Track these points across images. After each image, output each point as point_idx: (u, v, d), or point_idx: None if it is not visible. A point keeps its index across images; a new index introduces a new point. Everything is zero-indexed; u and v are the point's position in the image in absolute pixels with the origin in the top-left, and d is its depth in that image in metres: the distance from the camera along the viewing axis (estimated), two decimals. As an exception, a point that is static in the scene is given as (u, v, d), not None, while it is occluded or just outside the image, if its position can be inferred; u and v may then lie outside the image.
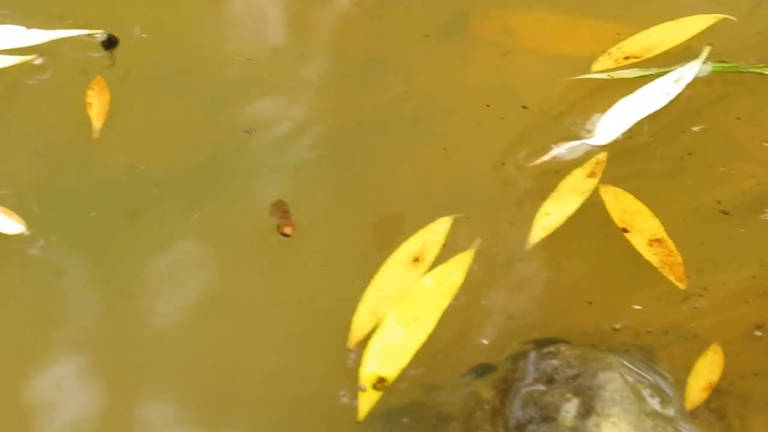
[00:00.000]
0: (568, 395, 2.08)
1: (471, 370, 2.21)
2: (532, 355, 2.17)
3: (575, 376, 2.11)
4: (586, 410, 2.05)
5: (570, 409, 2.06)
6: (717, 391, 2.12)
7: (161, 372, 2.23)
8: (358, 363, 2.16)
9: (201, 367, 2.24)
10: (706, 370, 2.15)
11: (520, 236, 2.32)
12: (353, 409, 2.13)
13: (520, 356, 2.18)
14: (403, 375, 2.15)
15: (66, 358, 2.25)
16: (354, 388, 2.14)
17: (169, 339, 2.27)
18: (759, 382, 2.14)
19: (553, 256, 2.31)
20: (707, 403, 2.11)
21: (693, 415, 2.10)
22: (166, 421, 2.19)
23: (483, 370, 2.20)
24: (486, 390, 2.18)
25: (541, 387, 2.12)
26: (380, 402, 2.13)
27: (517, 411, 2.12)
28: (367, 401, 2.11)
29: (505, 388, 2.16)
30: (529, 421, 2.09)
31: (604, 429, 2.02)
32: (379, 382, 2.12)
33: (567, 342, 2.17)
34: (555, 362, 2.14)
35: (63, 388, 2.21)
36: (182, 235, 2.38)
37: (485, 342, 2.24)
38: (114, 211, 2.40)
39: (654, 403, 2.10)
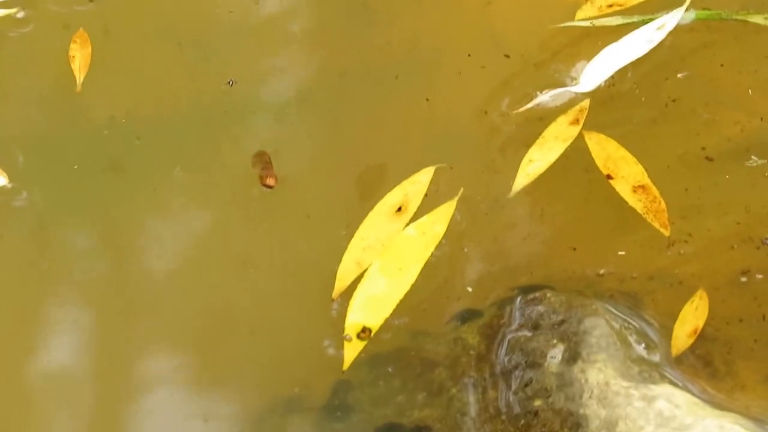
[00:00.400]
0: (554, 341, 2.09)
1: (456, 316, 2.21)
2: (518, 301, 2.17)
3: (561, 322, 2.11)
4: (572, 356, 2.05)
5: (556, 354, 2.07)
6: (703, 337, 2.12)
7: (148, 321, 2.23)
8: (342, 313, 2.15)
9: (187, 317, 2.24)
10: (692, 316, 2.15)
11: (504, 184, 2.31)
12: (339, 359, 2.13)
13: (505, 302, 2.18)
14: (387, 324, 2.15)
15: (52, 310, 2.24)
16: (339, 337, 2.13)
17: (154, 290, 2.26)
18: (744, 328, 2.14)
19: (537, 203, 2.30)
20: (693, 349, 2.10)
21: (679, 360, 2.09)
22: (156, 371, 2.19)
23: (468, 316, 2.20)
24: (471, 336, 2.18)
25: (526, 333, 2.12)
26: (365, 350, 2.13)
27: (502, 357, 2.12)
28: (351, 350, 2.11)
29: (491, 334, 2.16)
30: (515, 367, 2.09)
31: (589, 375, 2.02)
32: (364, 332, 2.12)
33: (552, 288, 2.17)
34: (540, 308, 2.14)
35: (51, 338, 2.21)
36: (165, 187, 2.37)
37: (470, 290, 2.23)
38: (97, 164, 2.39)
39: (640, 349, 2.10)
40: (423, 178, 2.33)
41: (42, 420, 2.17)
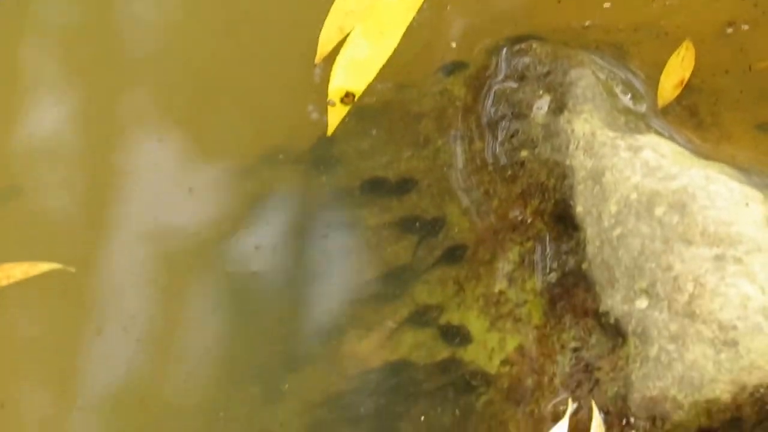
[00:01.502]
0: (540, 92, 2.06)
1: (442, 68, 2.18)
2: (504, 52, 2.13)
3: (547, 73, 2.08)
4: (558, 107, 2.04)
5: (542, 105, 2.05)
6: (689, 88, 2.10)
7: (135, 92, 2.19)
8: (325, 78, 2.11)
9: (172, 85, 2.21)
10: (678, 68, 2.13)
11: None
12: (323, 123, 2.10)
13: (491, 53, 2.14)
14: (371, 89, 2.11)
15: (42, 82, 2.21)
16: (323, 102, 2.09)
17: (140, 59, 2.22)
18: (730, 79, 2.13)
19: (523, -49, 2.25)
20: (679, 100, 2.09)
21: (664, 111, 2.08)
22: (151, 138, 2.17)
23: (454, 68, 2.17)
24: (457, 87, 2.15)
25: (512, 84, 2.10)
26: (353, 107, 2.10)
27: (489, 108, 2.10)
28: (335, 115, 2.06)
29: (477, 86, 2.13)
30: (502, 118, 2.08)
31: (576, 125, 2.01)
32: (347, 97, 2.06)
33: (538, 39, 2.13)
34: (526, 59, 2.11)
35: (40, 107, 2.19)
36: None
37: (454, 45, 2.20)
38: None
39: (626, 99, 2.09)
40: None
41: (29, 189, 2.16)
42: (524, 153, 2.04)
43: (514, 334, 1.94)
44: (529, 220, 2.01)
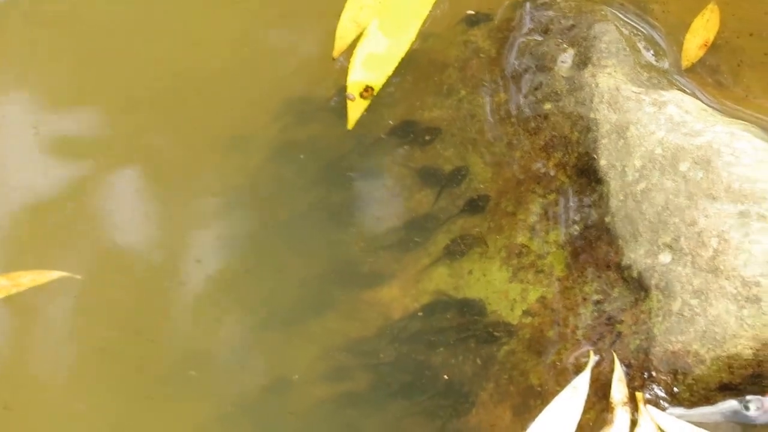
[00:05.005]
0: (564, 46, 2.05)
1: (466, 18, 2.16)
2: (528, 5, 2.12)
3: (571, 27, 2.07)
4: (582, 61, 2.03)
5: (566, 59, 2.04)
6: (713, 48, 2.09)
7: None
8: (344, 73, 2.10)
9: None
10: (703, 29, 2.11)
11: None
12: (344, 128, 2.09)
13: (515, 6, 2.13)
14: (390, 82, 2.09)
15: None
16: (342, 97, 2.09)
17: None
18: (755, 41, 2.11)
19: None
20: (703, 60, 2.08)
21: (688, 69, 2.07)
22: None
23: (478, 19, 2.15)
24: (482, 39, 2.13)
25: (537, 37, 2.09)
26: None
27: (513, 60, 2.09)
28: (356, 110, 2.06)
29: (501, 38, 2.12)
30: (526, 71, 2.07)
31: (600, 79, 2.00)
32: (366, 91, 2.06)
33: (562, -7, 2.12)
34: (551, 13, 2.09)
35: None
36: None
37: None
38: None
39: (649, 55, 2.08)
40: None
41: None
42: (548, 106, 2.03)
43: (536, 286, 1.94)
44: (552, 173, 2.00)
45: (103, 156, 2.18)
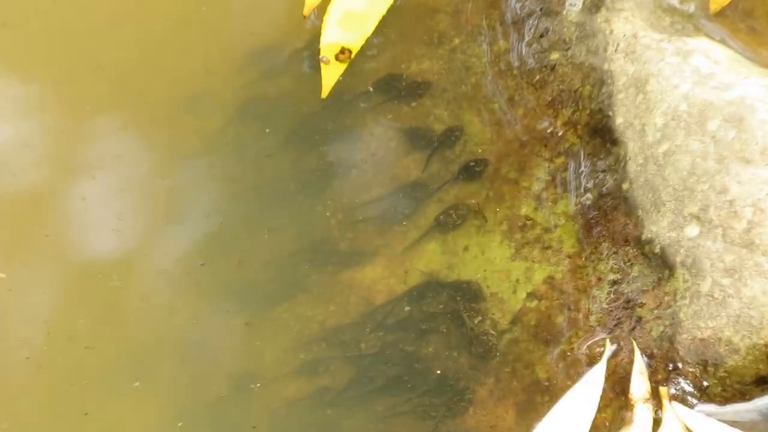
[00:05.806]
0: (574, -14, 1.95)
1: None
2: (531, -61, 2.01)
3: (581, -36, 1.96)
4: (594, 3, 1.89)
5: (575, 1, 1.90)
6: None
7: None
8: (316, 33, 1.98)
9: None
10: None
11: None
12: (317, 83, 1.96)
13: (517, -58, 2.00)
14: (369, 44, 1.97)
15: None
16: (314, 60, 1.97)
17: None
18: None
19: None
20: (734, 2, 1.91)
21: (717, 13, 1.91)
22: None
23: (473, -45, 2.01)
24: (478, -21, 2.02)
25: (542, -24, 1.99)
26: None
27: (514, 3, 1.96)
28: (331, 75, 1.94)
29: (501, -23, 2.02)
30: (529, 15, 1.94)
31: (615, 25, 1.85)
32: (343, 53, 1.94)
33: (572, -76, 1.99)
34: (558, -52, 1.97)
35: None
36: None
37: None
38: None
39: (672, -3, 1.97)
40: None
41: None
42: (555, 55, 1.91)
43: (542, 264, 1.84)
44: (560, 133, 1.90)
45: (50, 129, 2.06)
